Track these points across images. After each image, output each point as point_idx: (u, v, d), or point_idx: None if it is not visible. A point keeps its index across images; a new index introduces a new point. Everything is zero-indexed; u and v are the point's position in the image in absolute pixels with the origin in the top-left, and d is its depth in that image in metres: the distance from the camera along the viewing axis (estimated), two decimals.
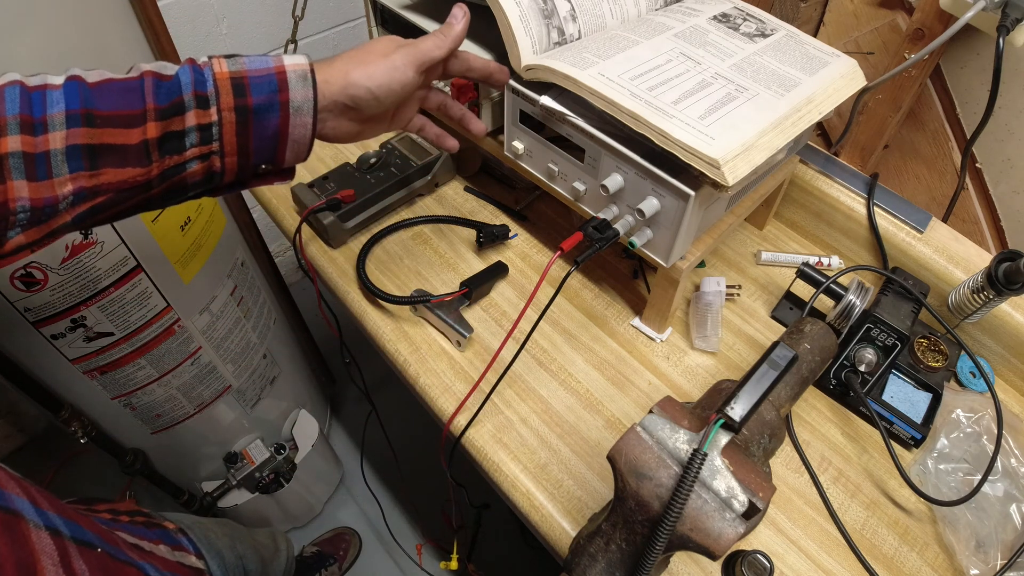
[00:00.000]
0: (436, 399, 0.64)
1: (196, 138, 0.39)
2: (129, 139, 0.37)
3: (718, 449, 0.39)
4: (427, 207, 0.81)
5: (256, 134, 0.40)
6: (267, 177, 0.45)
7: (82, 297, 0.72)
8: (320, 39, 1.38)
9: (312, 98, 0.41)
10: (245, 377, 1.04)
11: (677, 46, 0.62)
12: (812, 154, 0.78)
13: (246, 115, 0.39)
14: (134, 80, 0.38)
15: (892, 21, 0.75)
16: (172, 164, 0.39)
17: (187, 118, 0.38)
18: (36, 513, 0.37)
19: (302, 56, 0.42)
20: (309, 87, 0.41)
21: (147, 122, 0.37)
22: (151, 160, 0.38)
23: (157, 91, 0.38)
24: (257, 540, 0.87)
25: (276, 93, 0.40)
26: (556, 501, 0.57)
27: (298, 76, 0.41)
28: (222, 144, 0.40)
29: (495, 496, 0.63)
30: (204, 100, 0.38)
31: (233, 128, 0.39)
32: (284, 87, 0.40)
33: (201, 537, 0.65)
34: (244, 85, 0.39)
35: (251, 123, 0.40)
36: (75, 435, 0.86)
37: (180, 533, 0.62)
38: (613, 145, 0.57)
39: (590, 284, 0.75)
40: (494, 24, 0.60)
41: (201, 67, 0.39)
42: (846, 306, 0.64)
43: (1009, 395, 0.70)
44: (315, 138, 0.44)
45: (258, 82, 0.39)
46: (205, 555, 0.64)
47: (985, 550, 0.56)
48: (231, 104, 0.39)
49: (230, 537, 0.73)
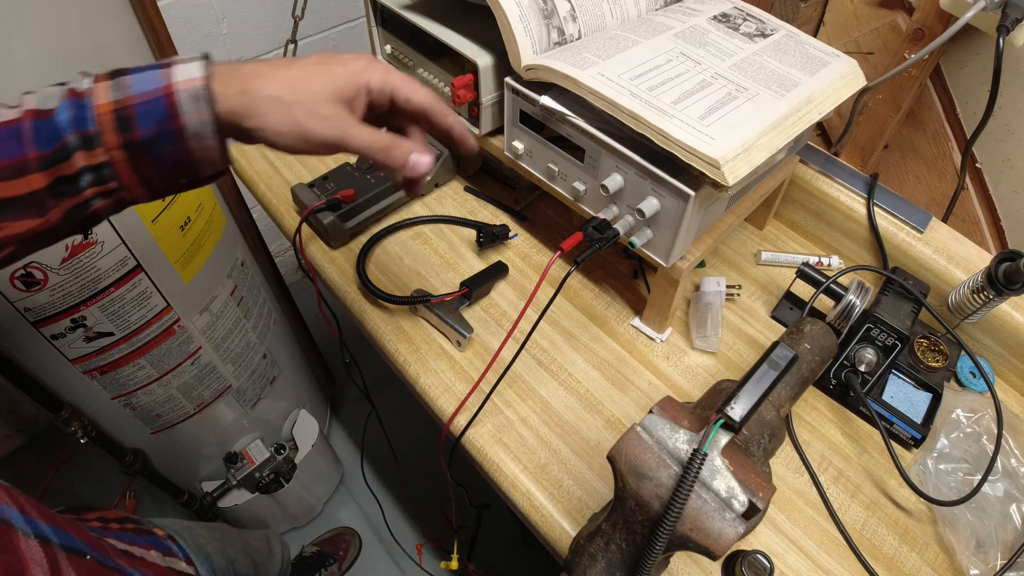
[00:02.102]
0: (436, 399, 0.64)
1: (91, 179, 0.35)
2: (18, 190, 0.34)
3: (718, 449, 0.39)
4: (427, 207, 0.81)
5: (155, 166, 0.36)
6: (193, 186, 0.41)
7: (82, 297, 0.72)
8: (320, 39, 1.38)
9: (210, 119, 0.35)
10: (245, 377, 1.04)
11: (677, 46, 0.62)
12: (812, 154, 0.78)
13: (137, 151, 0.35)
14: (15, 124, 0.34)
15: (892, 21, 0.75)
16: (73, 205, 0.35)
17: (75, 161, 0.34)
18: (25, 521, 0.37)
19: (197, 65, 0.36)
20: (204, 108, 0.35)
21: (33, 172, 0.34)
22: (48, 208, 0.35)
23: (37, 135, 0.34)
24: (249, 543, 0.87)
25: (166, 121, 0.35)
26: (556, 501, 0.57)
27: (189, 96, 0.35)
28: (121, 181, 0.36)
29: (495, 496, 0.63)
30: (88, 140, 0.34)
31: (127, 165, 0.35)
32: (174, 112, 0.35)
33: (190, 542, 0.65)
34: (129, 117, 0.34)
35: (145, 157, 0.35)
36: (75, 435, 0.86)
37: (170, 539, 0.62)
38: (613, 145, 0.57)
39: (590, 284, 0.75)
40: (494, 24, 0.60)
41: (82, 97, 0.34)
42: (846, 306, 0.64)
43: (1009, 395, 0.70)
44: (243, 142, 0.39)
45: (144, 110, 0.34)
46: (195, 560, 0.64)
47: (985, 550, 0.56)
48: (117, 142, 0.34)
49: (220, 542, 0.73)
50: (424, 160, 0.41)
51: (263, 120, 0.36)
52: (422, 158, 0.41)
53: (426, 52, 0.72)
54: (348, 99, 0.39)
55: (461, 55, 0.65)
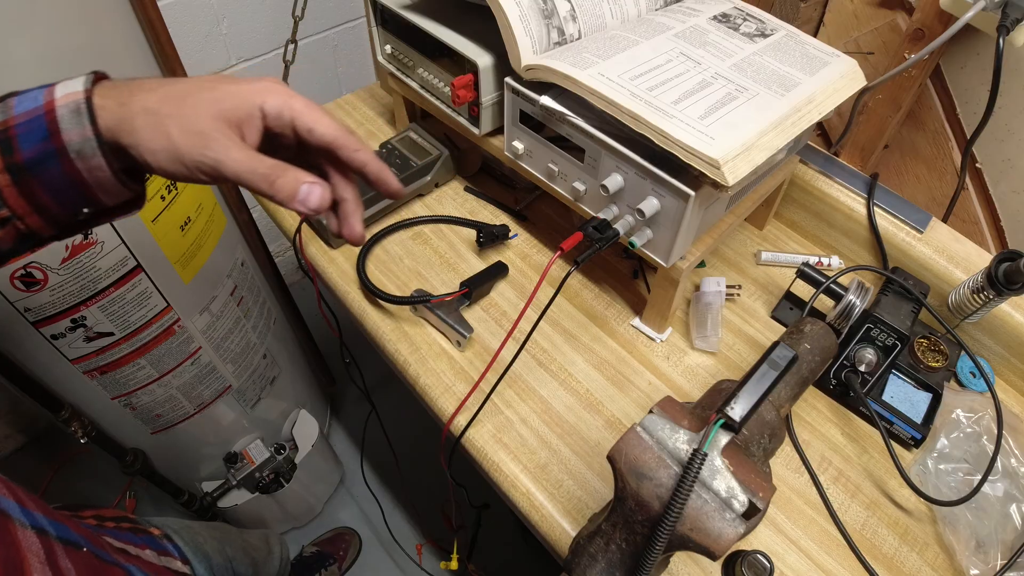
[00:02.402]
0: (436, 399, 0.64)
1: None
2: None
3: (718, 449, 0.39)
4: (427, 207, 0.81)
5: (44, 189, 0.33)
6: (101, 217, 0.37)
7: (82, 297, 0.72)
8: (320, 39, 1.38)
9: (92, 135, 0.32)
10: (245, 377, 1.04)
11: (677, 46, 0.62)
12: (812, 154, 0.78)
13: (21, 173, 0.32)
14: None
15: (892, 21, 0.75)
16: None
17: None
18: (22, 512, 0.37)
19: (80, 80, 0.33)
20: (85, 122, 0.32)
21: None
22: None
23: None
24: (248, 542, 0.87)
25: (47, 140, 0.32)
26: (556, 501, 0.57)
27: (69, 111, 0.32)
28: (11, 208, 0.33)
29: (495, 496, 0.63)
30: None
31: (14, 190, 0.33)
32: (55, 129, 0.32)
33: (188, 541, 0.65)
34: (10, 138, 0.32)
35: (31, 180, 0.33)
36: (75, 435, 0.86)
37: (166, 539, 0.62)
38: (613, 145, 0.57)
39: (590, 284, 0.75)
40: (494, 24, 0.60)
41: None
42: (846, 306, 0.64)
43: (1009, 395, 0.70)
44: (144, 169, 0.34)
45: (26, 129, 0.32)
46: (191, 559, 0.63)
47: (985, 550, 0.56)
48: (0, 166, 0.32)
49: (219, 540, 0.73)
50: (315, 193, 0.35)
51: (137, 136, 0.33)
52: (314, 189, 0.35)
53: (426, 52, 0.72)
54: (236, 121, 0.34)
55: (461, 55, 0.65)
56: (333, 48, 1.42)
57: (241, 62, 1.28)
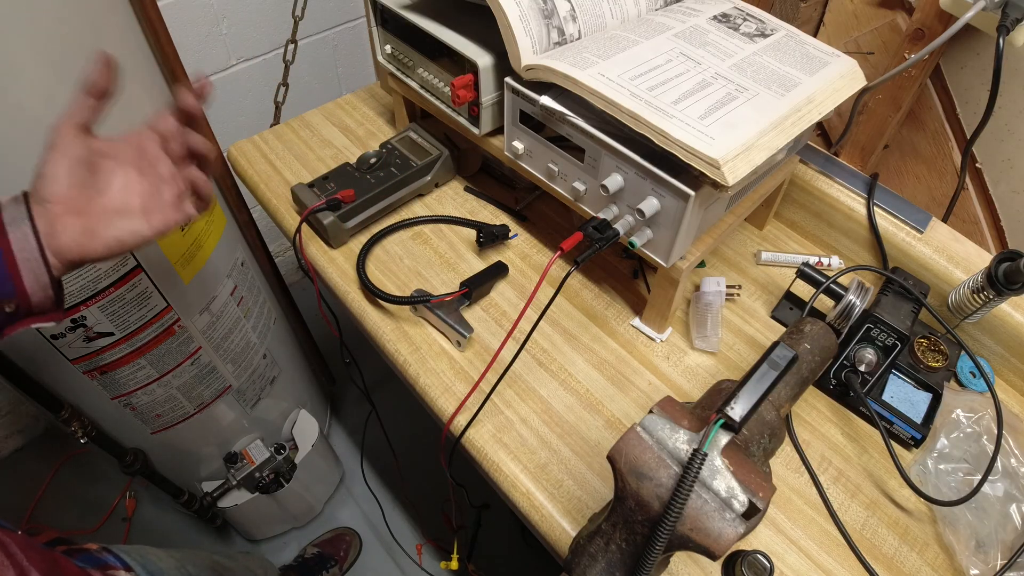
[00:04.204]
0: (436, 399, 0.64)
1: None
2: None
3: (718, 449, 0.39)
4: (427, 207, 0.81)
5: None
6: (25, 319, 0.37)
7: (82, 297, 0.72)
8: (320, 39, 1.38)
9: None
10: (245, 377, 1.04)
11: (677, 46, 0.62)
12: (812, 154, 0.78)
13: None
14: None
15: (892, 21, 0.75)
16: None
17: None
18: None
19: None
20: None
21: None
22: None
23: None
24: (219, 562, 0.83)
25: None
26: (556, 501, 0.57)
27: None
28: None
29: (495, 496, 0.63)
30: None
31: None
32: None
33: (134, 555, 0.63)
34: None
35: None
36: (75, 435, 0.86)
37: (104, 551, 0.61)
38: (613, 145, 0.57)
39: (590, 284, 0.75)
40: (494, 24, 0.60)
41: None
42: (846, 306, 0.64)
43: (1009, 395, 0.70)
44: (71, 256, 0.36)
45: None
46: (134, 567, 0.61)
47: (985, 550, 0.56)
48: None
49: (178, 559, 0.70)
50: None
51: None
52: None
53: (426, 52, 0.72)
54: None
55: (461, 55, 0.65)
56: (333, 48, 1.42)
57: (241, 62, 1.28)
